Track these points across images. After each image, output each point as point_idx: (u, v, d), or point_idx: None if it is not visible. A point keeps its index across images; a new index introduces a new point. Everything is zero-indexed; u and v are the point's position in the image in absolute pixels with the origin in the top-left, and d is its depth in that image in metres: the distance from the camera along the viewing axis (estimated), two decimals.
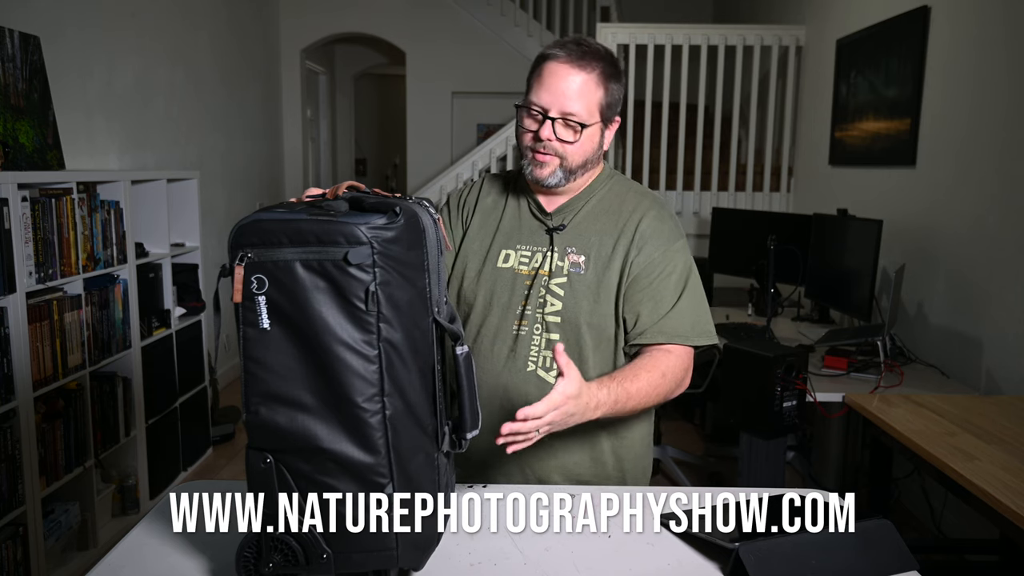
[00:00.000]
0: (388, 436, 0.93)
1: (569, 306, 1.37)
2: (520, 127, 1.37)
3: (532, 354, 1.39)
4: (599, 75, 1.33)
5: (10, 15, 2.77)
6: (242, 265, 0.92)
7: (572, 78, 1.31)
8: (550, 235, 1.41)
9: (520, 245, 1.42)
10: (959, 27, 2.92)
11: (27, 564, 2.45)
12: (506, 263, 1.42)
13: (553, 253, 1.39)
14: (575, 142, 1.33)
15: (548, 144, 1.32)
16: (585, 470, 1.43)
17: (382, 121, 8.87)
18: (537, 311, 1.38)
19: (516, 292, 1.40)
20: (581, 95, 1.31)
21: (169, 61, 4.08)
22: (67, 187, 2.68)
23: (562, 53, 1.32)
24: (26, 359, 2.41)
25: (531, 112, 1.34)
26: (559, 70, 1.31)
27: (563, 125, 1.32)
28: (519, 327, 1.39)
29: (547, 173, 1.35)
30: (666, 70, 4.64)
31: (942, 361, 2.82)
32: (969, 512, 2.46)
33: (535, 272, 1.39)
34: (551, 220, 1.42)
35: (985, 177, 2.72)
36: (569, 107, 1.31)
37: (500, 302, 1.41)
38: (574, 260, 1.39)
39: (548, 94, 1.31)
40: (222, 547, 1.09)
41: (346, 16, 6.04)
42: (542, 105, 1.32)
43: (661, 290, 1.37)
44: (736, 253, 4.04)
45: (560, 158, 1.34)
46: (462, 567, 1.06)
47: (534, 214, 1.44)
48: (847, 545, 1.06)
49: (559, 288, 1.38)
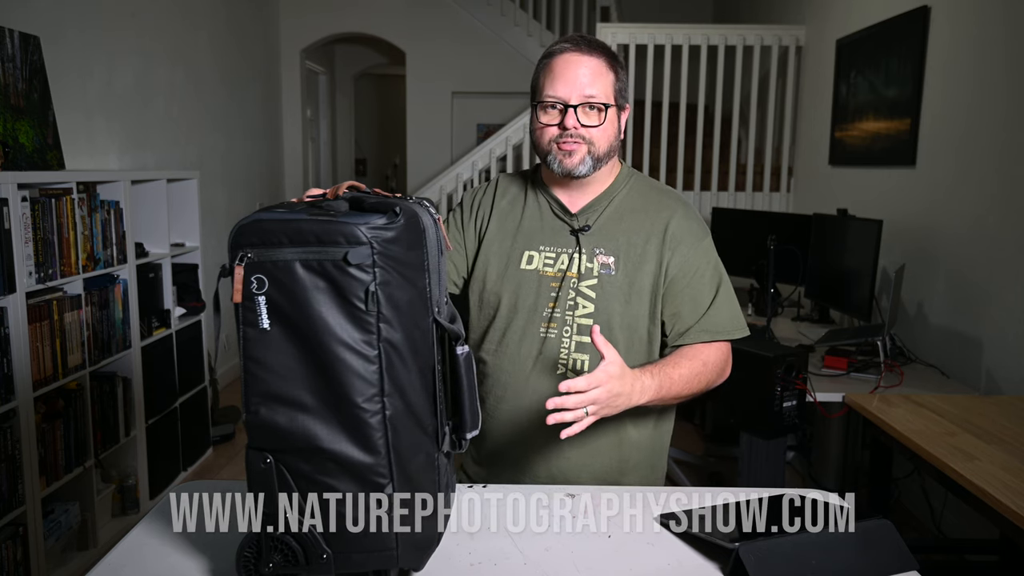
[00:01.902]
0: (388, 436, 0.93)
1: (601, 308, 1.37)
2: (538, 124, 1.36)
3: (562, 357, 1.38)
4: (607, 61, 1.35)
5: (10, 15, 2.77)
6: (242, 265, 0.92)
7: (584, 65, 1.33)
8: (576, 236, 1.40)
9: (543, 246, 1.41)
10: (959, 27, 2.92)
11: (27, 564, 2.45)
12: (530, 265, 1.40)
13: (581, 255, 1.38)
14: (600, 125, 1.34)
15: (575, 132, 1.33)
16: (612, 470, 1.43)
17: (382, 121, 8.87)
18: (567, 314, 1.37)
19: (542, 295, 1.39)
20: (595, 79, 1.33)
21: (169, 61, 4.08)
22: (67, 187, 2.68)
23: (569, 45, 1.35)
24: (26, 359, 2.41)
25: (549, 107, 1.34)
26: (571, 60, 1.33)
27: (585, 110, 1.33)
28: (547, 330, 1.38)
29: (577, 161, 1.34)
30: (666, 70, 4.64)
31: (942, 361, 2.82)
32: (969, 512, 2.46)
33: (562, 274, 1.38)
34: (575, 221, 1.41)
35: (985, 177, 2.72)
36: (588, 91, 1.32)
37: (526, 305, 1.39)
38: (603, 261, 1.38)
39: (565, 84, 1.32)
40: (222, 547, 1.09)
41: (346, 16, 6.04)
42: (561, 96, 1.33)
43: (699, 289, 1.39)
44: (736, 253, 4.02)
45: (588, 144, 1.34)
46: (462, 567, 1.06)
47: (556, 214, 1.42)
48: (847, 545, 1.06)
49: (590, 290, 1.37)
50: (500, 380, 1.42)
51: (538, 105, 1.36)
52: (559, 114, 1.34)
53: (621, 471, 1.43)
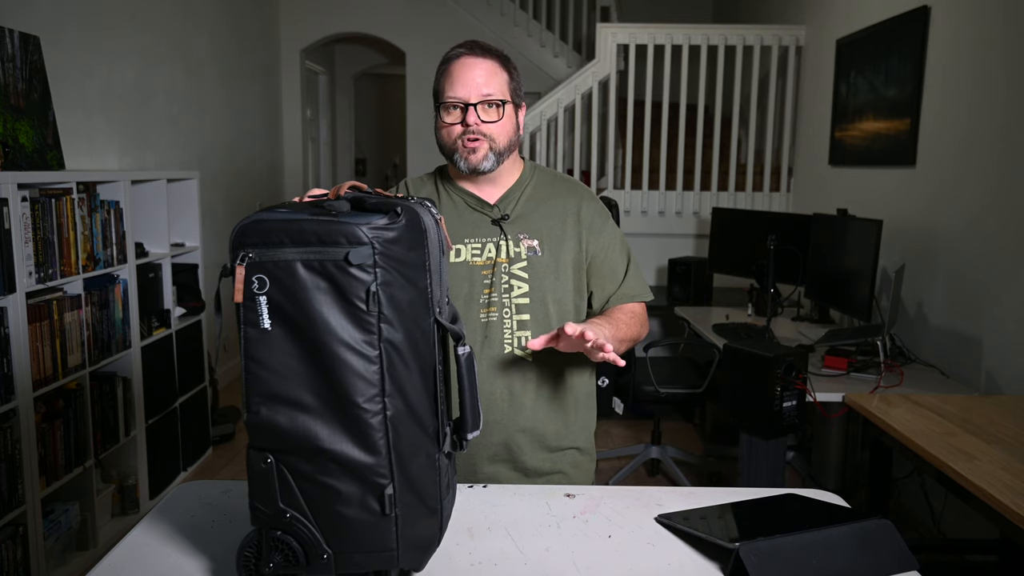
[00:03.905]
0: (389, 436, 0.93)
1: (535, 287, 1.48)
2: (442, 124, 1.46)
3: (506, 337, 1.47)
4: (499, 62, 1.46)
5: (10, 15, 2.77)
6: (243, 265, 0.92)
7: (479, 67, 1.44)
8: (499, 225, 1.49)
9: (467, 239, 1.49)
10: (959, 27, 2.92)
11: (27, 564, 2.45)
12: (458, 258, 1.48)
13: (508, 241, 1.48)
14: (499, 120, 1.44)
15: (476, 129, 1.42)
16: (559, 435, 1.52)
17: (382, 121, 8.87)
18: (503, 297, 1.47)
19: (476, 283, 1.47)
20: (491, 79, 1.44)
21: (169, 61, 4.08)
22: (67, 187, 2.68)
23: (463, 50, 1.46)
24: (26, 359, 2.41)
25: (451, 107, 1.44)
26: (466, 62, 1.44)
27: (484, 107, 1.43)
28: (487, 315, 1.47)
29: (480, 157, 1.44)
30: (666, 70, 4.64)
31: (942, 361, 2.82)
32: (969, 512, 2.46)
33: (492, 261, 1.48)
34: (494, 211, 1.51)
35: (985, 177, 2.72)
36: (485, 90, 1.43)
37: (461, 295, 1.47)
38: (529, 244, 1.49)
39: (463, 86, 1.42)
40: (222, 547, 1.09)
41: (346, 16, 6.05)
42: (460, 96, 1.42)
43: (616, 261, 1.55)
44: (736, 253, 4.04)
45: (489, 140, 1.44)
46: (462, 567, 1.06)
47: (473, 208, 1.51)
48: (847, 545, 1.06)
49: (522, 271, 1.48)
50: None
51: (441, 107, 1.46)
52: (460, 113, 1.43)
53: (567, 435, 1.53)
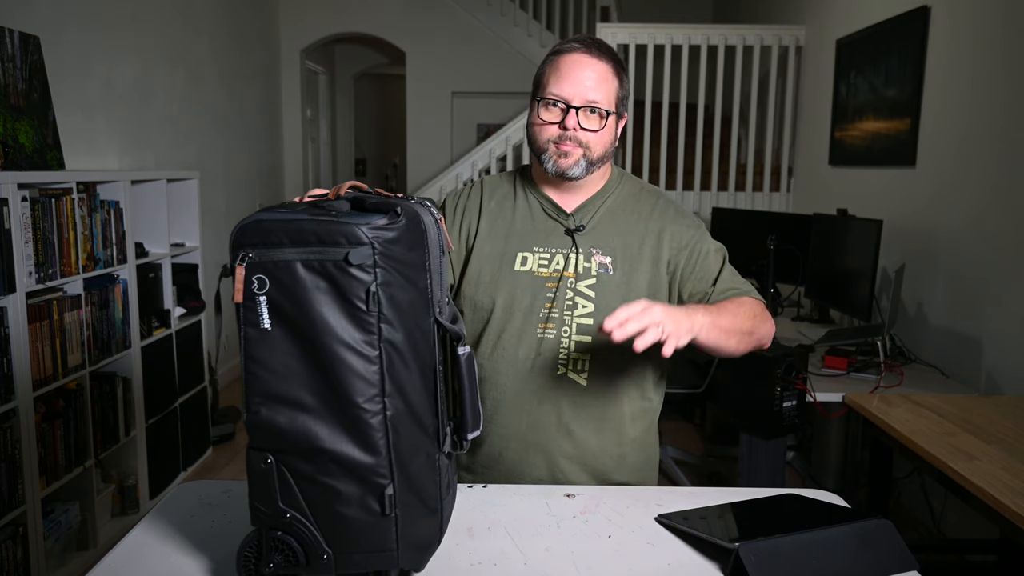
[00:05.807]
0: (389, 437, 0.93)
1: (601, 308, 1.35)
2: (537, 120, 1.36)
3: (561, 357, 1.37)
4: (613, 67, 1.35)
5: (10, 15, 2.76)
6: (243, 265, 0.92)
7: (591, 68, 1.33)
8: (571, 236, 1.39)
9: (537, 247, 1.40)
10: (959, 27, 2.92)
11: (27, 564, 2.44)
12: (524, 266, 1.39)
13: (579, 254, 1.38)
14: (599, 131, 1.34)
15: (573, 135, 1.32)
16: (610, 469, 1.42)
17: (382, 121, 8.87)
18: (565, 314, 1.37)
19: (538, 296, 1.38)
20: (600, 84, 1.33)
21: (169, 61, 4.08)
22: (67, 187, 2.68)
23: (579, 46, 1.34)
24: (26, 359, 2.41)
25: (551, 104, 1.34)
26: (579, 61, 1.33)
27: (587, 114, 1.32)
28: (544, 331, 1.37)
29: (571, 163, 1.34)
30: (666, 70, 4.63)
31: (942, 361, 2.82)
32: (969, 512, 2.46)
33: (559, 274, 1.38)
34: (570, 221, 1.41)
35: (985, 177, 2.72)
36: (591, 96, 1.32)
37: (522, 306, 1.38)
38: (601, 261, 1.38)
39: (570, 85, 1.32)
40: (222, 547, 1.09)
41: (346, 16, 6.05)
42: (565, 96, 1.32)
43: (708, 267, 1.40)
44: (736, 253, 3.99)
45: (584, 148, 1.34)
46: (462, 567, 1.06)
47: (549, 214, 1.42)
48: (847, 545, 1.06)
49: (589, 290, 1.37)
50: (498, 383, 1.41)
51: (540, 101, 1.35)
52: (560, 113, 1.33)
53: (618, 470, 1.43)
